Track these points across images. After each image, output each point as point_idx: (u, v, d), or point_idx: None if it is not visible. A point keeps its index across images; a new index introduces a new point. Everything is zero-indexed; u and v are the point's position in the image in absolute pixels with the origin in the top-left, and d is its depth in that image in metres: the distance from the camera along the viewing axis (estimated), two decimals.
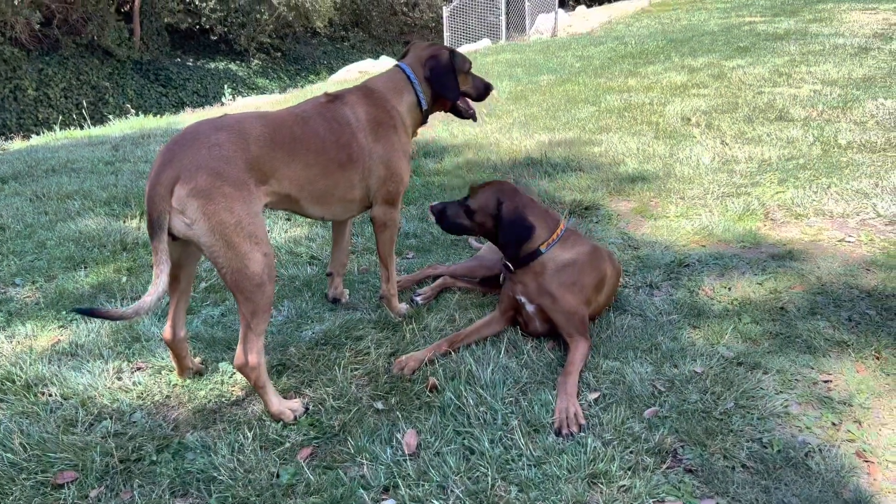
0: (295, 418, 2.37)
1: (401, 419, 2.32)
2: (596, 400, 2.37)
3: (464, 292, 3.28)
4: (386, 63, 16.50)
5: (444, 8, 20.44)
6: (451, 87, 2.90)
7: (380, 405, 2.42)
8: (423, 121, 3.01)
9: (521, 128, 6.66)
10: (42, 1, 18.75)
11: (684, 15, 16.76)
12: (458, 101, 3.01)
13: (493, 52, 14.17)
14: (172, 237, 2.15)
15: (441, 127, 6.94)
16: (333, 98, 2.75)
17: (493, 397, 2.38)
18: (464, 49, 16.75)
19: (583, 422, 2.25)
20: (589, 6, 25.84)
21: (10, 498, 2.05)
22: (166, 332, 2.50)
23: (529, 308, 2.74)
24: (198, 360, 2.75)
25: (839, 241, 3.57)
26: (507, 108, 7.77)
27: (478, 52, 14.85)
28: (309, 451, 2.21)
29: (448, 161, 5.69)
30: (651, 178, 4.74)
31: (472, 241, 3.79)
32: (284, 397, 2.45)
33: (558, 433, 2.22)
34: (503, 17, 19.45)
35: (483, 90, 3.12)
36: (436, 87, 2.89)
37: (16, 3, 17.45)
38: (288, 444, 2.24)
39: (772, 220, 3.92)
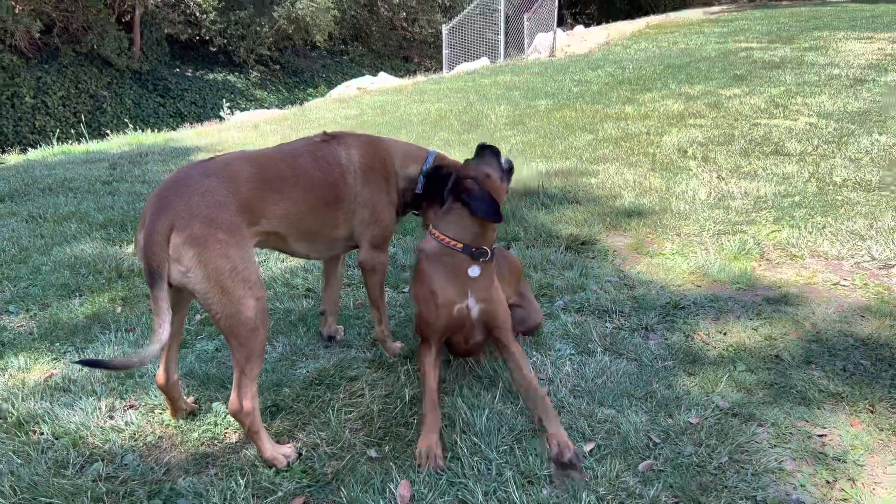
0: (288, 464, 2.36)
1: (394, 468, 2.30)
2: (591, 451, 2.36)
3: None
4: (386, 79, 16.57)
5: (443, 25, 20.55)
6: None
7: (373, 452, 2.41)
8: (403, 210, 3.00)
9: (518, 155, 6.69)
10: (43, 9, 18.77)
11: (681, 38, 16.89)
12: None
13: (492, 72, 14.25)
14: (168, 285, 2.14)
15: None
16: (331, 138, 2.78)
17: (487, 446, 2.37)
18: (462, 68, 16.84)
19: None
20: (587, 26, 26.03)
21: None
22: (160, 376, 2.49)
23: (476, 314, 2.56)
24: (191, 399, 2.74)
25: (834, 284, 3.59)
26: (504, 133, 7.80)
27: (476, 71, 14.94)
28: (301, 500, 2.19)
29: None
30: (647, 212, 4.76)
31: None
32: (278, 442, 2.44)
33: (559, 461, 2.25)
34: (502, 36, 19.57)
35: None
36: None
37: (17, 11, 17.46)
38: (281, 493, 2.22)
39: (767, 260, 3.94)
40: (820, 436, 2.43)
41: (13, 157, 9.19)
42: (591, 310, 3.42)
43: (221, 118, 14.44)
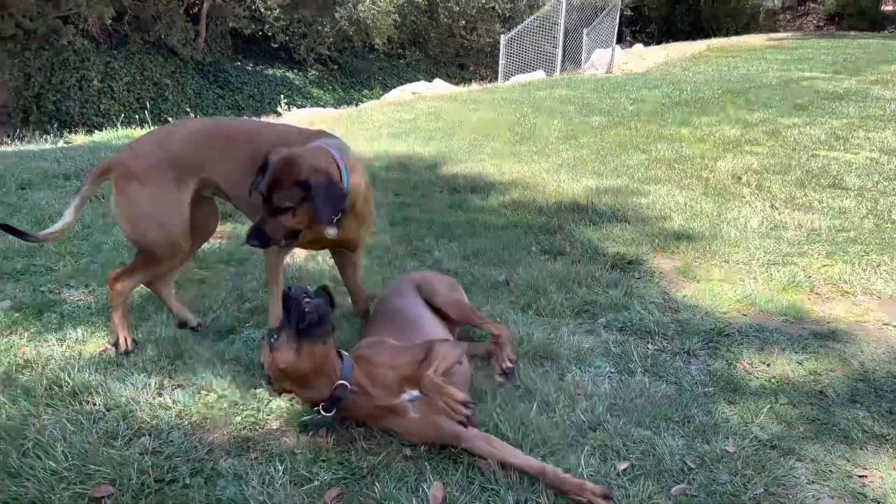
0: (121, 348, 3.02)
1: (428, 469, 2.34)
2: (625, 470, 2.36)
3: None
4: (440, 85, 16.70)
5: (501, 35, 20.62)
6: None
7: (408, 452, 2.45)
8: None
9: (569, 170, 6.69)
10: None
11: (742, 63, 16.66)
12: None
13: (547, 85, 14.25)
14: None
15: (490, 162, 7.01)
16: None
17: None
18: (517, 79, 16.88)
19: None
20: (646, 45, 25.84)
21: None
22: None
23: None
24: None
25: (885, 324, 3.52)
26: (556, 147, 7.81)
27: (531, 83, 14.96)
28: (337, 491, 2.25)
29: (493, 199, 5.74)
30: (697, 237, 4.72)
31: None
32: (315, 437, 2.51)
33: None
34: (560, 50, 19.55)
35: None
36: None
37: None
38: (317, 482, 2.28)
39: (817, 294, 3.88)
40: (860, 476, 2.39)
41: (80, 138, 9.55)
42: (633, 330, 3.41)
43: (278, 113, 14.73)
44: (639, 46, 23.86)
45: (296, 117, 12.85)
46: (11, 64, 17.78)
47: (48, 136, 11.85)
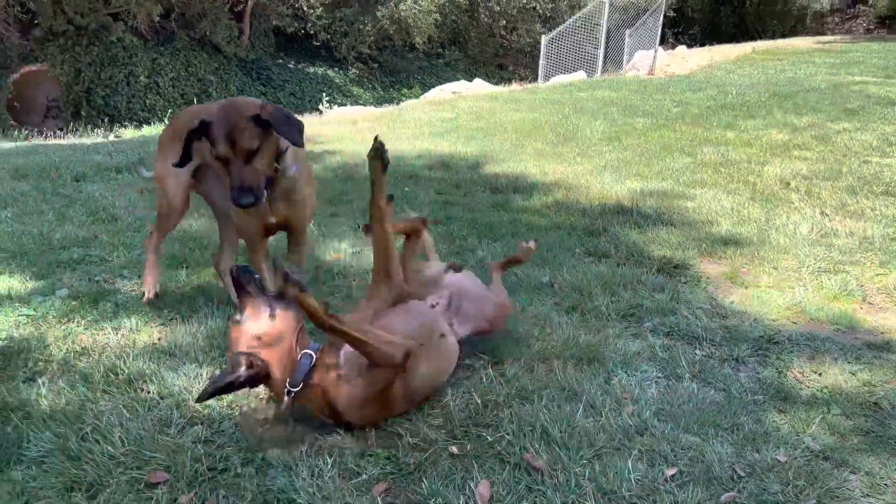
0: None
1: (475, 467, 2.35)
2: (672, 476, 2.34)
3: None
4: (481, 85, 16.68)
5: (542, 35, 20.52)
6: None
7: (455, 449, 2.46)
8: None
9: (612, 172, 6.64)
10: None
11: (790, 67, 16.32)
12: None
13: (589, 86, 14.14)
14: None
15: (532, 162, 6.99)
16: None
17: (568, 458, 2.39)
18: (558, 80, 16.78)
19: None
20: (689, 46, 25.48)
21: (107, 491, 2.19)
22: None
23: None
24: None
25: None
26: (599, 149, 7.75)
27: (573, 84, 14.86)
28: (385, 486, 2.27)
29: (536, 199, 5.72)
30: (744, 242, 4.65)
31: None
32: (363, 432, 2.53)
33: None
34: (601, 50, 19.38)
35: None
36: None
37: None
38: (365, 476, 2.30)
39: (870, 303, 3.79)
40: None
41: (129, 132, 9.78)
42: (680, 335, 3.38)
43: (320, 111, 14.89)
44: (682, 48, 23.52)
45: (336, 115, 12.96)
46: (63, 59, 18.25)
47: (99, 130, 12.17)
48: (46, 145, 8.96)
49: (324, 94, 20.64)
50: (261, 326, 2.39)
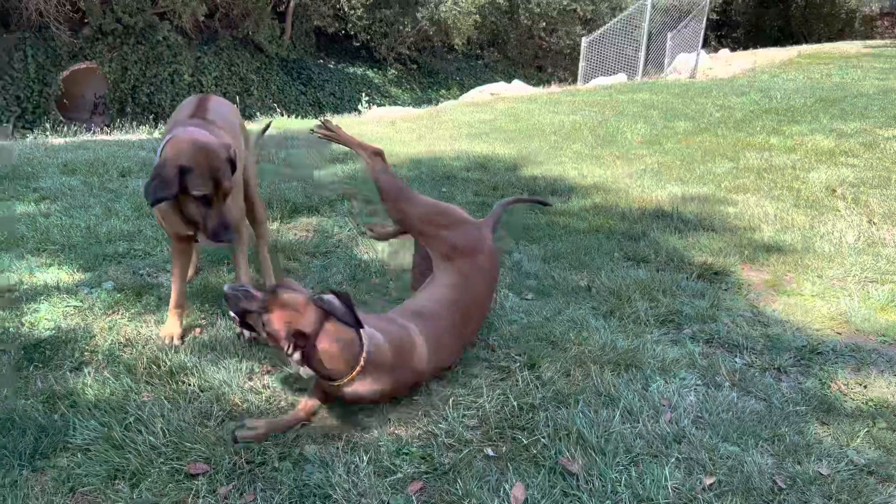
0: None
1: (510, 469, 2.35)
2: (710, 485, 2.31)
3: None
4: (519, 87, 16.64)
5: (583, 37, 20.39)
6: (153, 190, 2.72)
7: (490, 451, 2.46)
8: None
9: (652, 176, 6.56)
10: None
11: (836, 71, 15.93)
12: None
13: (630, 89, 14.00)
14: None
15: (571, 165, 6.94)
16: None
17: (604, 464, 2.37)
18: (598, 82, 16.64)
19: None
20: (733, 50, 25.07)
21: (149, 480, 2.23)
22: None
23: None
24: None
25: None
26: (639, 152, 7.67)
27: (613, 86, 14.73)
28: (419, 485, 2.28)
29: (575, 202, 5.68)
30: (788, 249, 4.55)
31: None
32: (398, 430, 2.54)
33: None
34: (642, 53, 19.18)
35: (215, 228, 2.79)
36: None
37: None
38: (400, 475, 2.31)
39: None
40: None
41: None
42: (720, 342, 3.32)
43: (359, 111, 15.00)
44: (725, 51, 23.16)
45: (375, 115, 13.05)
46: (111, 57, 18.72)
47: (143, 127, 12.45)
48: (94, 141, 9.19)
49: (363, 95, 20.78)
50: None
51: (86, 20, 18.40)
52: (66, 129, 13.05)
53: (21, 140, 9.88)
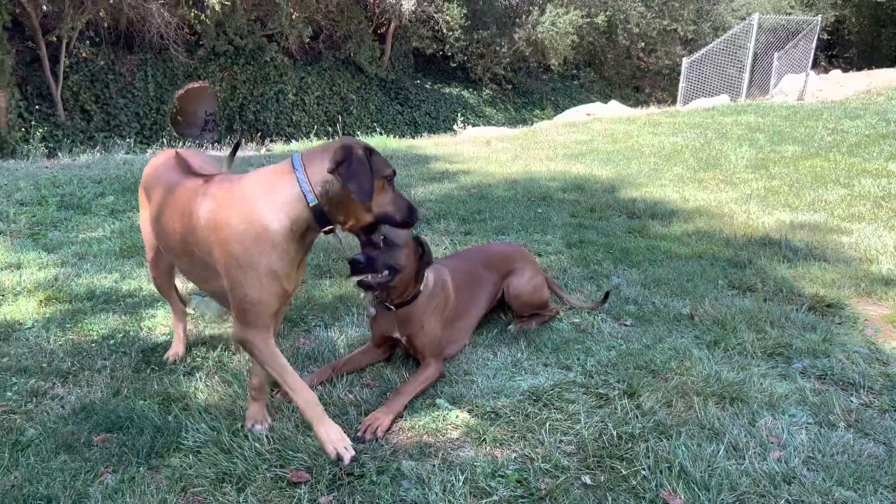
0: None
1: (608, 500, 2.29)
2: None
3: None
4: (616, 107, 16.41)
5: (684, 58, 19.90)
6: (362, 182, 2.24)
7: (588, 479, 2.41)
8: (320, 224, 2.36)
9: (759, 201, 6.30)
10: (314, 17, 21.02)
11: None
12: (374, 219, 2.43)
13: (733, 111, 13.54)
14: None
15: (672, 188, 6.77)
16: (207, 180, 2.55)
17: (708, 501, 2.28)
18: (699, 103, 16.19)
19: (380, 435, 2.59)
20: (845, 71, 23.83)
21: (254, 485, 2.32)
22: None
23: (402, 340, 3.08)
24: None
25: None
26: (744, 176, 7.39)
27: (715, 108, 14.29)
28: None
29: (676, 227, 5.53)
30: None
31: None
32: (494, 451, 2.53)
33: (357, 439, 2.55)
34: (747, 74, 18.52)
35: (407, 212, 2.47)
36: (344, 180, 2.26)
37: (293, 17, 19.74)
38: (496, 497, 2.30)
39: None
40: None
41: (278, 147, 10.40)
42: (834, 379, 3.14)
43: (454, 131, 15.18)
44: (836, 72, 22.01)
45: (470, 135, 13.16)
46: (222, 77, 19.74)
47: (251, 144, 13.06)
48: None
49: (458, 114, 21.02)
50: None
51: (201, 42, 19.49)
52: (180, 144, 13.85)
53: (142, 154, 10.55)
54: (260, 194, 2.31)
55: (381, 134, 12.97)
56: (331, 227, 2.40)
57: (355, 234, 2.56)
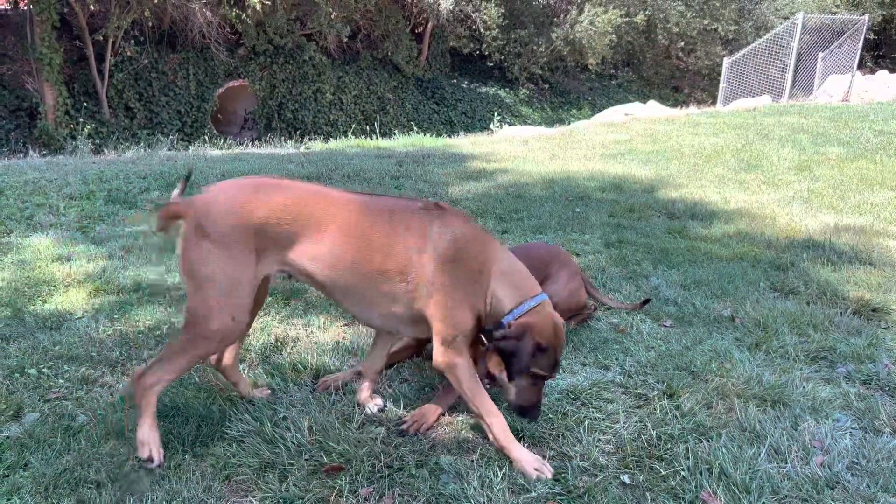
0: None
1: (647, 499, 2.28)
2: None
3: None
4: (655, 107, 16.22)
5: (725, 58, 19.60)
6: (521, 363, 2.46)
7: (626, 479, 2.41)
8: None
9: (802, 203, 6.20)
10: (353, 17, 21.19)
11: None
12: None
13: (775, 112, 13.30)
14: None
15: (712, 189, 6.69)
16: (435, 207, 2.58)
17: (748, 503, 2.26)
18: (740, 104, 15.92)
19: (423, 431, 2.61)
20: (892, 71, 23.20)
21: (296, 475, 2.36)
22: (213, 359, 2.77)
23: None
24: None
25: None
26: (787, 178, 7.27)
27: (756, 109, 14.05)
28: None
29: (717, 228, 5.46)
30: None
31: None
32: (532, 448, 2.54)
33: (401, 433, 2.59)
34: (790, 74, 18.15)
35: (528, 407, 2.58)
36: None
37: (332, 17, 19.94)
38: (534, 494, 2.31)
39: None
40: None
41: (317, 145, 10.53)
42: (880, 384, 3.08)
43: (491, 130, 15.17)
44: (883, 73, 21.44)
45: (507, 135, 13.14)
46: (261, 76, 20.03)
47: (290, 142, 13.25)
48: (247, 154, 9.87)
49: (495, 114, 21.00)
50: None
51: (241, 41, 19.80)
52: (221, 142, 14.09)
53: (184, 151, 10.77)
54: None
55: (418, 133, 13.02)
56: None
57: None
